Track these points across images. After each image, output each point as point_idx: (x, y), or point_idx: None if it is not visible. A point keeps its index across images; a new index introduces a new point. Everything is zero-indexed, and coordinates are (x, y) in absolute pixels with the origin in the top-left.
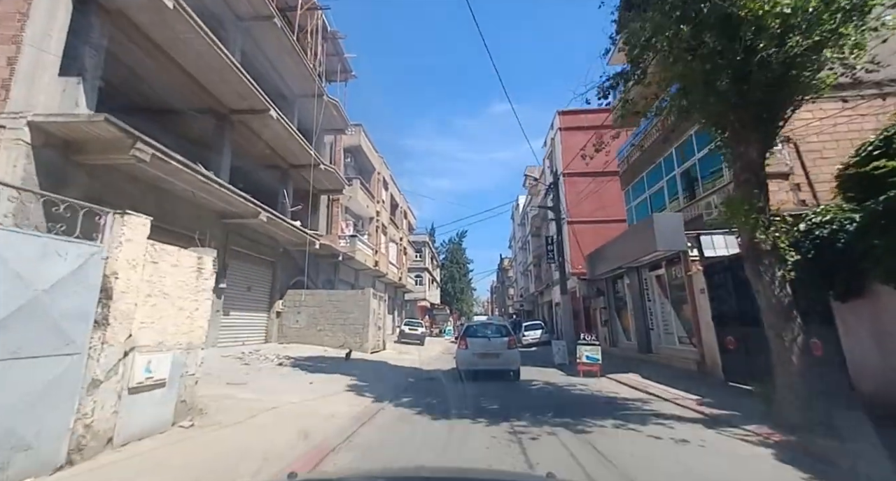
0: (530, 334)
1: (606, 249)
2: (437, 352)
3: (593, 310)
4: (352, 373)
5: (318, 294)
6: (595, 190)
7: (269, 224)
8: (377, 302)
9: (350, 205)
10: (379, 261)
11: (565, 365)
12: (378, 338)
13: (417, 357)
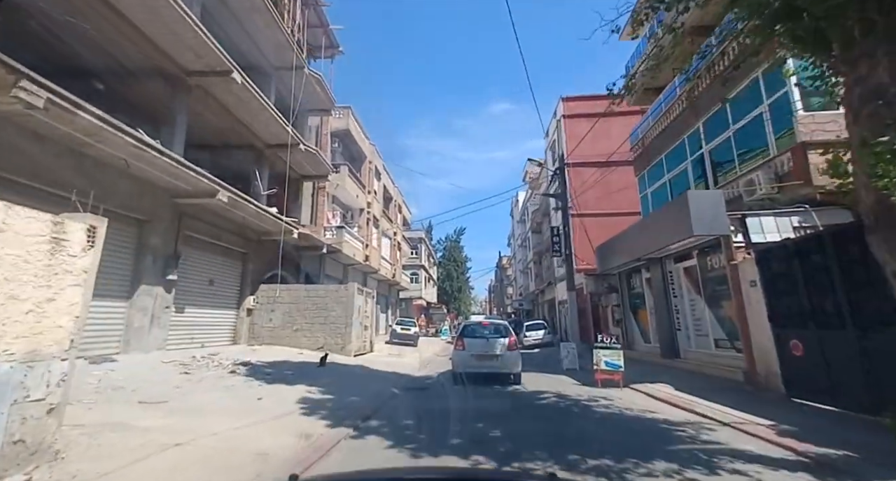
0: (532, 335)
1: (621, 240)
2: (430, 354)
3: (603, 308)
4: (320, 384)
5: (295, 289)
6: (601, 179)
7: (234, 207)
8: (363, 298)
9: (338, 194)
10: (370, 256)
11: (575, 371)
12: (364, 338)
13: (408, 360)
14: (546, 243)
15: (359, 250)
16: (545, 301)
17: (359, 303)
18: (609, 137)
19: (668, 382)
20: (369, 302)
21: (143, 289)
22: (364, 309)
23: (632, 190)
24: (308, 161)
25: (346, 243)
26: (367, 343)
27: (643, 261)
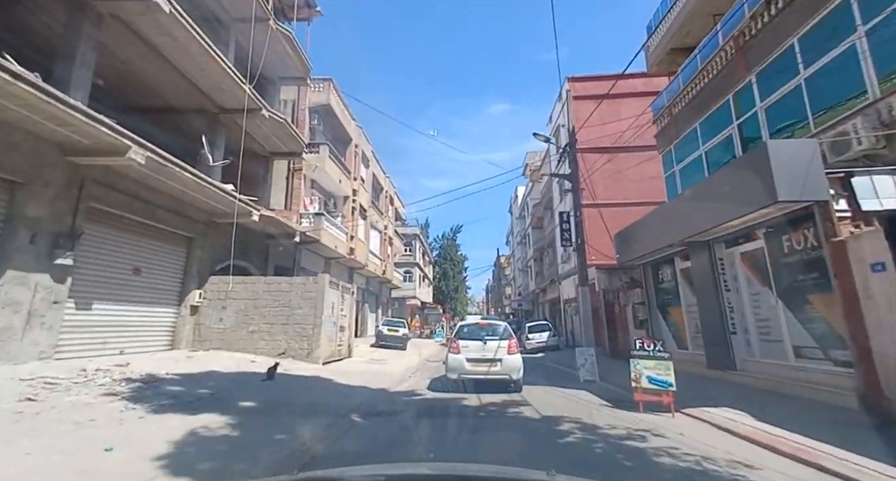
0: (535, 337)
1: (647, 224)
2: (420, 360)
3: (621, 306)
4: (241, 413)
5: (252, 282)
6: (611, 166)
7: (160, 174)
8: (339, 294)
9: (317, 179)
10: (356, 250)
11: (595, 383)
12: (340, 341)
13: (391, 367)
14: (548, 238)
15: (342, 242)
16: (546, 300)
17: (332, 299)
18: (619, 122)
19: (734, 405)
20: (347, 299)
21: (10, 276)
22: (340, 307)
23: (646, 177)
24: (276, 133)
25: (326, 232)
26: (343, 347)
27: (679, 247)
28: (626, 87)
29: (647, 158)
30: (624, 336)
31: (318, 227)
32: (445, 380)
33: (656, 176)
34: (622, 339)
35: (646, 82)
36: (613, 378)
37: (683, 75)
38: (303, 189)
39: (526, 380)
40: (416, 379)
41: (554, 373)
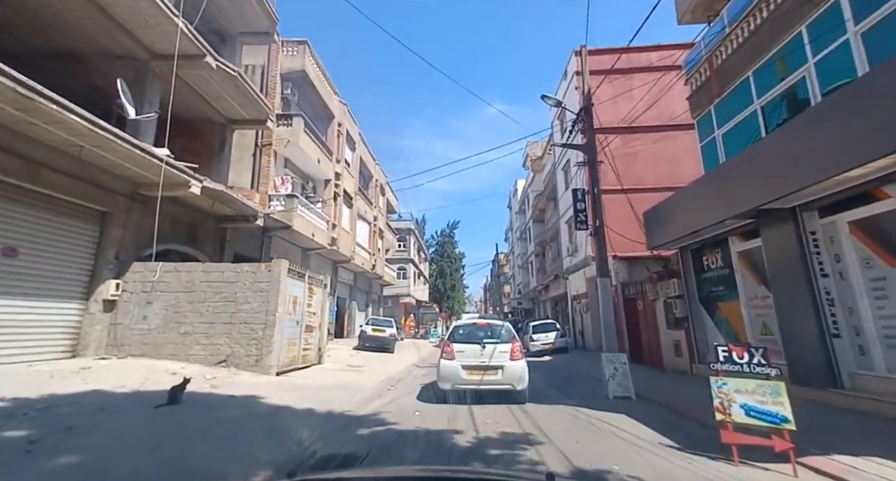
0: (541, 338)
1: (688, 198)
2: (407, 364)
3: (647, 302)
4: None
5: (188, 270)
6: (622, 147)
7: (32, 114)
8: (304, 287)
9: (292, 156)
10: (339, 240)
11: (629, 400)
12: (307, 345)
13: (367, 377)
14: (551, 231)
15: (321, 230)
16: (549, 298)
17: (294, 292)
18: (632, 99)
19: (880, 450)
20: (318, 293)
21: None
22: (307, 302)
23: (661, 159)
24: (230, 93)
25: (300, 218)
26: (311, 351)
27: (738, 223)
28: (640, 62)
29: (660, 138)
30: (652, 337)
31: (291, 212)
32: (435, 392)
33: (673, 156)
34: (648, 342)
35: (662, 56)
36: (654, 394)
37: (730, 13)
38: (273, 167)
39: (536, 393)
40: (396, 393)
41: (569, 383)
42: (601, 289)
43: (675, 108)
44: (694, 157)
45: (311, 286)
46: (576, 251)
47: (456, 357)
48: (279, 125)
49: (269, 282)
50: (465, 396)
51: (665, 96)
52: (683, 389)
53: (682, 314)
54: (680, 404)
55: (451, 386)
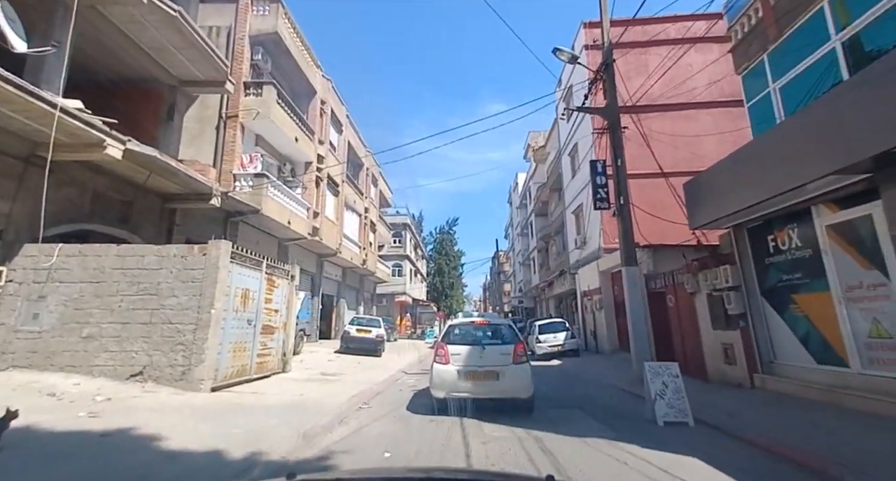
0: (548, 339)
1: (751, 160)
2: (394, 371)
3: (681, 296)
4: None
5: (97, 254)
6: (634, 128)
7: None
8: (260, 277)
9: (264, 132)
10: (322, 230)
11: (685, 427)
12: (265, 350)
13: (338, 390)
14: (555, 224)
15: (300, 218)
16: (552, 296)
17: (243, 283)
18: (646, 76)
19: None
20: (282, 286)
21: None
22: (266, 297)
23: (682, 140)
24: (175, 42)
25: (272, 201)
26: (272, 358)
27: (843, 182)
28: (656, 34)
29: (679, 118)
30: (689, 340)
31: (260, 193)
32: (421, 409)
33: (694, 137)
34: (684, 345)
35: (680, 27)
36: (717, 418)
37: None
38: (240, 143)
39: (553, 412)
40: (368, 415)
41: (593, 397)
42: (628, 282)
43: (696, 85)
44: (716, 138)
45: (271, 277)
46: (585, 243)
47: (451, 360)
48: (247, 94)
49: (203, 269)
50: (462, 408)
51: (684, 72)
52: (755, 411)
53: (738, 310)
54: (769, 437)
55: (446, 394)
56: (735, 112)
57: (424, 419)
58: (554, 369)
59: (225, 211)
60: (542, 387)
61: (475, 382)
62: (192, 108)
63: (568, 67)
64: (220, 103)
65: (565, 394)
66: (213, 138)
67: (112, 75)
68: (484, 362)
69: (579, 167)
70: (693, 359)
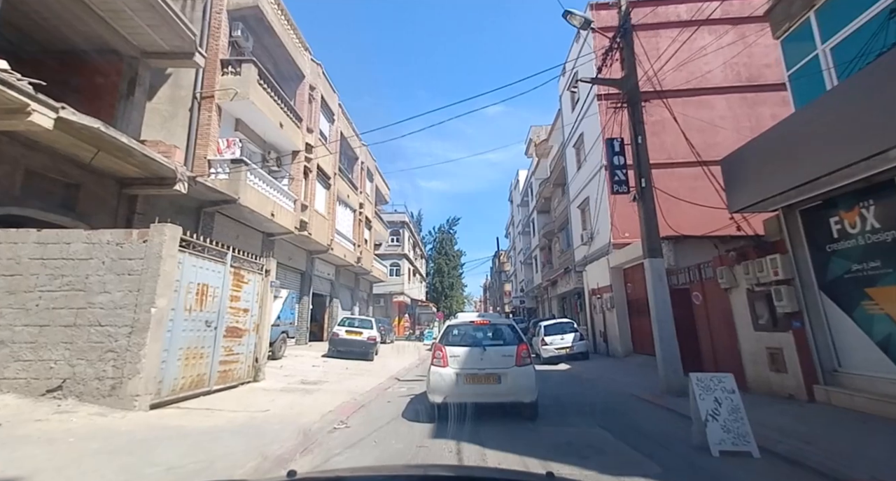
0: (555, 341)
1: (818, 122)
2: (384, 378)
3: (718, 291)
4: None
5: (11, 240)
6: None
7: None
8: (222, 271)
9: (245, 117)
10: (311, 224)
11: (751, 459)
12: (231, 356)
13: (313, 405)
14: (559, 220)
15: (286, 210)
16: (556, 295)
17: (199, 278)
18: (656, 60)
19: None
20: (252, 281)
21: None
22: (232, 294)
23: (695, 127)
24: (132, 2)
25: (251, 190)
26: (239, 365)
27: None
28: (667, 16)
29: (693, 104)
30: (723, 343)
31: (237, 181)
32: (418, 418)
33: (708, 125)
34: (714, 349)
35: (691, 8)
36: (788, 445)
37: None
38: (216, 126)
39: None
40: (339, 440)
41: (612, 409)
42: (652, 276)
43: (710, 69)
44: (732, 125)
45: (238, 271)
46: (592, 239)
47: (449, 363)
48: (225, 73)
49: (143, 259)
50: (461, 416)
51: (697, 56)
52: (834, 436)
53: (790, 308)
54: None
55: (444, 399)
56: (752, 97)
57: (412, 444)
58: (562, 374)
59: (197, 200)
60: (553, 397)
61: (475, 386)
62: (164, 88)
63: (573, 52)
64: (194, 83)
65: (581, 407)
66: (187, 121)
67: (64, 45)
68: (485, 364)
69: (585, 159)
70: (726, 365)
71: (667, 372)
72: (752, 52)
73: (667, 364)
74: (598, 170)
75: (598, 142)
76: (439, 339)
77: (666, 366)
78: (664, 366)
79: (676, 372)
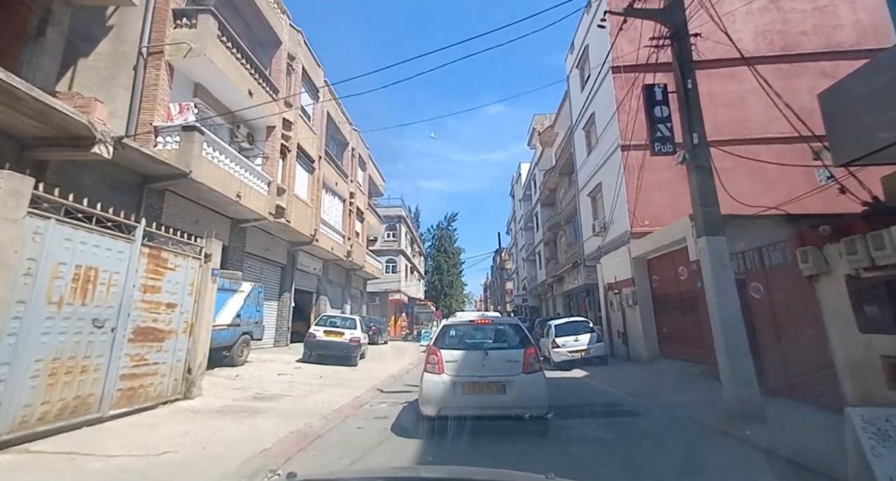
0: (568, 343)
1: None
2: (363, 391)
3: (799, 279)
4: None
5: None
6: None
7: None
8: (130, 250)
9: (203, 80)
10: (289, 211)
11: None
12: (149, 367)
13: (241, 441)
14: (566, 212)
15: (256, 192)
16: (562, 293)
17: (81, 259)
18: None
19: None
20: (181, 268)
21: None
22: (146, 283)
23: (723, 104)
24: None
25: (209, 165)
26: (156, 379)
27: None
28: None
29: (722, 76)
30: (803, 348)
31: (189, 152)
32: (410, 430)
33: (737, 99)
34: (788, 355)
35: None
36: None
37: None
38: (165, 87)
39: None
40: None
41: (666, 444)
42: (712, 260)
43: (738, 38)
44: (765, 99)
45: (158, 253)
46: (605, 228)
47: (445, 369)
48: (177, 26)
49: None
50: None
51: (723, 21)
52: None
53: None
54: None
55: (438, 411)
56: (787, 69)
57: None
58: (580, 385)
59: (140, 174)
60: (579, 415)
61: (475, 396)
62: (104, 43)
63: (583, 26)
64: (140, 37)
65: (625, 439)
66: (131, 82)
67: None
68: (486, 371)
69: (597, 141)
70: (805, 378)
71: (737, 390)
72: (788, 18)
73: (737, 378)
74: (613, 151)
75: (614, 120)
76: (434, 341)
77: (735, 382)
78: (733, 381)
79: (750, 389)
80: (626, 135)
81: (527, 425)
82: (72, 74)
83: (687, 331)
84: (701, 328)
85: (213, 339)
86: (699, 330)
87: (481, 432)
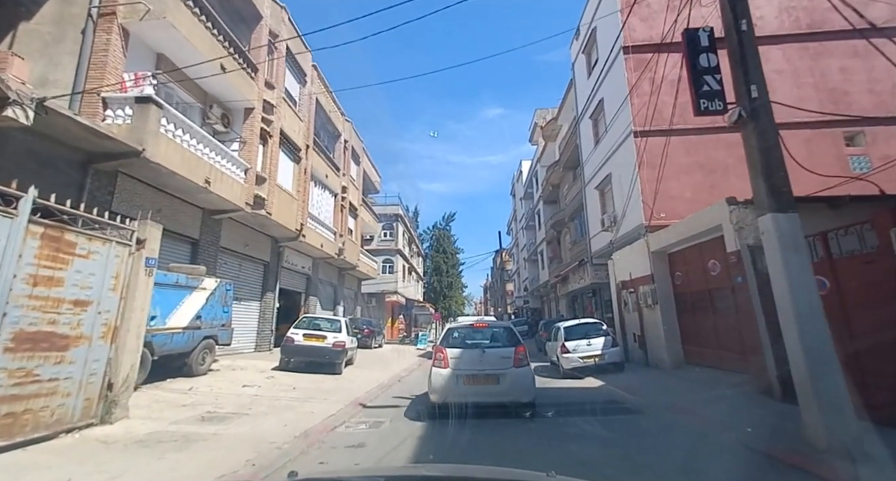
0: (580, 348)
1: None
2: (342, 406)
3: (883, 268)
4: None
5: None
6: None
7: None
8: (9, 226)
9: (167, 49)
10: (271, 203)
11: None
12: (40, 384)
13: (167, 478)
14: (570, 208)
15: (230, 179)
16: (565, 293)
17: None
18: (697, 2)
19: None
20: (98, 255)
21: None
22: (51, 274)
23: None
24: None
25: (169, 143)
26: (47, 401)
27: None
28: None
29: None
30: (889, 357)
31: (143, 127)
32: (423, 408)
33: None
34: (862, 365)
35: None
36: None
37: None
38: (118, 55)
39: None
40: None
41: None
42: (781, 244)
43: (760, 14)
44: (791, 80)
45: (59, 234)
46: (615, 222)
47: (450, 364)
48: None
49: None
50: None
51: None
52: None
53: None
54: None
55: (444, 399)
56: (814, 48)
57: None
58: (595, 396)
59: (84, 151)
60: (601, 442)
61: (474, 386)
62: (49, 4)
63: (590, 8)
64: None
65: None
66: (78, 48)
67: None
68: (484, 366)
69: (607, 129)
70: (892, 392)
71: (824, 416)
72: None
73: (823, 400)
74: (625, 138)
75: (625, 105)
76: (440, 341)
77: (821, 404)
78: (816, 404)
79: (843, 415)
80: (640, 121)
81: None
82: (11, 40)
83: (718, 335)
84: (739, 331)
85: (163, 345)
86: (735, 333)
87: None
